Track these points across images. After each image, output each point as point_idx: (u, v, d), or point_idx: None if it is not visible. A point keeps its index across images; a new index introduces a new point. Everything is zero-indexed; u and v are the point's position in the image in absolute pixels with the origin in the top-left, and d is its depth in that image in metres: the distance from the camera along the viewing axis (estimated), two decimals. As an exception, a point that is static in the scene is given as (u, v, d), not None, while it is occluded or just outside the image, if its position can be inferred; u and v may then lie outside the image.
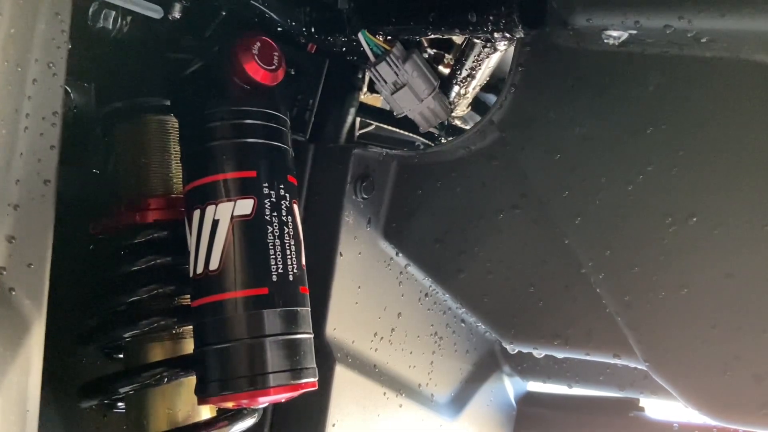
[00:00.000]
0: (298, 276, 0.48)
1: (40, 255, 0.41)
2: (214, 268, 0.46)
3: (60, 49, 0.41)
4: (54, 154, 0.41)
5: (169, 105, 0.57)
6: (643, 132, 0.53)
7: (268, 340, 0.45)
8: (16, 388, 0.39)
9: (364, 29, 0.60)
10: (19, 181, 0.39)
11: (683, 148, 0.52)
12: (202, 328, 0.47)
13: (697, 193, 0.52)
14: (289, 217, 0.48)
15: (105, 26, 0.52)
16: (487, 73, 0.66)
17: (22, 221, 0.39)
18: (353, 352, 0.68)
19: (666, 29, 0.47)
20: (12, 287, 0.39)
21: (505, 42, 0.59)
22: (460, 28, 0.56)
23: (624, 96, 0.54)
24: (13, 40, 0.38)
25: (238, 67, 0.49)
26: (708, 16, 0.45)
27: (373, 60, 0.60)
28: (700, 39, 0.48)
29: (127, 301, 0.53)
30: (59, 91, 0.41)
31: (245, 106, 0.49)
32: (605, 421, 0.98)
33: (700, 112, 0.51)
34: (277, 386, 0.45)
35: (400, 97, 0.61)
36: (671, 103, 0.52)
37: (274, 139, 0.49)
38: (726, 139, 0.51)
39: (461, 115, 0.77)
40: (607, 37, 0.50)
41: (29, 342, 0.40)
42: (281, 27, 0.62)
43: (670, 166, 0.52)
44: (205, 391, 0.47)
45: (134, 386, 0.51)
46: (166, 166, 0.57)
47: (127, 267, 0.53)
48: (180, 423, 0.53)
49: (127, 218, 0.54)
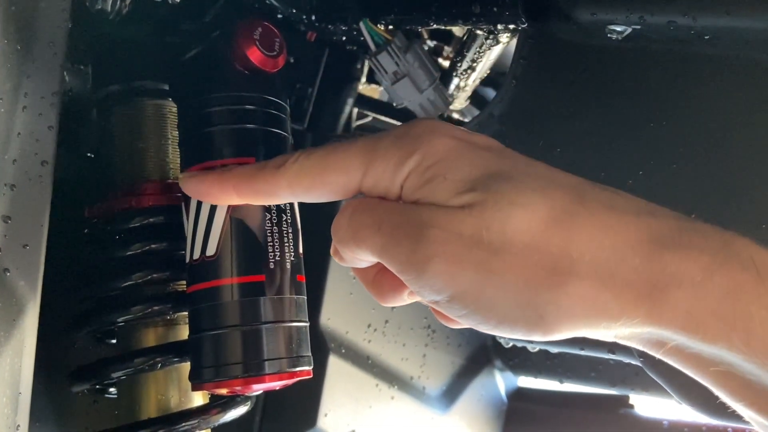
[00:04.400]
0: (295, 264, 0.47)
1: (36, 236, 0.40)
2: (210, 254, 0.46)
3: (60, 28, 0.41)
4: (52, 135, 0.41)
5: (167, 89, 0.56)
6: (644, 127, 0.53)
7: (263, 327, 0.45)
8: (9, 370, 0.38)
9: (365, 18, 0.59)
10: (16, 160, 0.39)
11: (684, 144, 0.52)
12: (197, 314, 0.47)
13: (697, 190, 0.52)
14: (287, 204, 0.48)
15: (104, 8, 0.51)
16: (487, 65, 0.66)
17: (18, 201, 0.39)
18: (347, 343, 0.68)
19: (670, 25, 0.47)
20: (7, 267, 0.38)
21: (508, 34, 0.58)
22: (463, 19, 0.56)
23: (626, 91, 0.54)
24: (14, 18, 0.38)
25: (239, 52, 0.48)
26: (713, 13, 0.45)
27: (374, 49, 0.60)
28: (704, 36, 0.48)
29: (122, 285, 0.52)
30: (59, 71, 0.41)
31: (245, 91, 0.49)
32: (595, 417, 0.98)
33: (701, 109, 0.51)
34: (271, 373, 0.45)
35: (401, 87, 0.61)
36: (673, 99, 0.52)
37: (274, 126, 0.49)
38: (727, 136, 0.51)
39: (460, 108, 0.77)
40: (610, 31, 0.50)
41: (23, 323, 0.39)
42: (282, 14, 0.62)
43: (670, 162, 0.53)
44: (199, 377, 0.46)
45: (127, 371, 0.51)
46: (162, 151, 0.56)
47: (122, 251, 0.53)
48: (172, 409, 0.53)
49: (122, 203, 0.54)
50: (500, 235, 0.30)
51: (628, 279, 0.29)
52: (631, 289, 0.29)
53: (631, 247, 0.29)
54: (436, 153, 0.33)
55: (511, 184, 0.31)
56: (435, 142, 0.34)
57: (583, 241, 0.30)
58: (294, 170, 0.36)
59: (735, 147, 0.51)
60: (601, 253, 0.30)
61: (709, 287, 0.28)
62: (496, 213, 0.31)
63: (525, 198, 0.31)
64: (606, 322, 0.30)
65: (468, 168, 0.33)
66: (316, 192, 0.37)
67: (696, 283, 0.28)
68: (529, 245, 0.30)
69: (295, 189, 0.37)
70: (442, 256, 0.31)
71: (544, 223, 0.30)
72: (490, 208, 0.31)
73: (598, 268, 0.29)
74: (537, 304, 0.30)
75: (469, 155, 0.33)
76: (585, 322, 0.30)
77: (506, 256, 0.30)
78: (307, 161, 0.36)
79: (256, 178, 0.38)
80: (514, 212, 0.30)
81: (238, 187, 0.39)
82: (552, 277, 0.30)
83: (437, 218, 0.31)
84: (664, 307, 0.29)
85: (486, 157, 0.33)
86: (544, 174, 0.33)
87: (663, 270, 0.29)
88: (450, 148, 0.33)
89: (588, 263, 0.30)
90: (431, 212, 0.32)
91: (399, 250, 0.32)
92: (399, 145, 0.34)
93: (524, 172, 0.33)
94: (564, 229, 0.30)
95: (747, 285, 0.28)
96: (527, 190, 0.31)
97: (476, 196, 0.31)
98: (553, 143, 0.58)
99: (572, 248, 0.30)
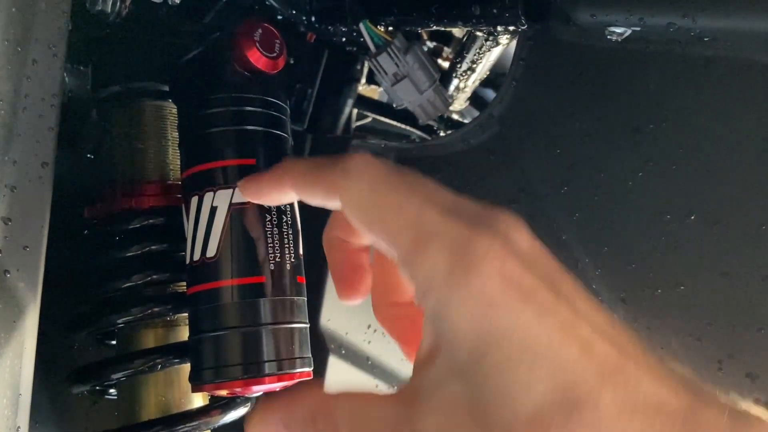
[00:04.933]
0: (295, 265, 0.47)
1: (36, 237, 0.40)
2: (211, 255, 0.46)
3: (60, 30, 0.41)
4: (52, 136, 0.41)
5: (167, 91, 0.56)
6: (644, 129, 0.53)
7: (264, 328, 0.45)
8: (9, 371, 0.38)
9: (365, 19, 0.59)
10: (16, 162, 0.39)
11: (683, 146, 0.52)
12: (197, 316, 0.47)
13: (696, 191, 0.52)
14: (287, 206, 0.48)
15: (104, 9, 0.51)
16: (487, 67, 0.66)
17: (18, 203, 0.39)
18: (347, 344, 0.68)
19: (669, 27, 0.47)
20: (7, 269, 0.38)
21: (508, 36, 0.59)
22: (463, 20, 0.56)
23: (625, 93, 0.54)
24: (14, 20, 0.38)
25: (239, 53, 0.48)
26: (712, 15, 0.45)
27: (373, 51, 0.60)
28: (703, 38, 0.48)
29: (122, 287, 0.52)
30: (59, 73, 0.41)
31: (245, 93, 0.49)
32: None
33: (701, 111, 0.51)
34: (271, 375, 0.45)
35: (401, 88, 0.61)
36: (673, 100, 0.52)
37: (274, 127, 0.49)
38: (726, 138, 0.51)
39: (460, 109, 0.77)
40: (610, 33, 0.50)
41: (23, 325, 0.39)
42: (282, 15, 0.62)
43: (670, 163, 0.53)
44: (199, 379, 0.46)
45: (127, 372, 0.51)
46: (163, 152, 0.56)
47: (122, 253, 0.53)
48: (172, 410, 0.53)
49: (122, 204, 0.54)
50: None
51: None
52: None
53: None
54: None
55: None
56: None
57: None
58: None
59: (734, 148, 0.51)
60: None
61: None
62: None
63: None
64: None
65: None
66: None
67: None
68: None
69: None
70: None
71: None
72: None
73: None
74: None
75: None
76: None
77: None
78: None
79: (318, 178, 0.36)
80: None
81: (296, 186, 0.38)
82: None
83: None
84: None
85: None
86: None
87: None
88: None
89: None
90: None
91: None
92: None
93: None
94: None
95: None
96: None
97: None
98: (552, 144, 0.58)
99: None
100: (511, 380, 0.28)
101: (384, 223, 0.32)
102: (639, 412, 0.28)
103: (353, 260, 0.40)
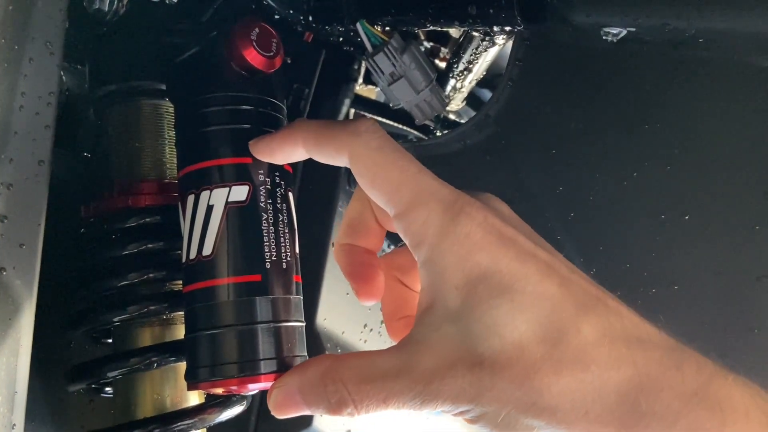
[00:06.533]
0: (291, 264, 0.47)
1: (33, 235, 0.40)
2: (207, 253, 0.46)
3: (57, 28, 0.41)
4: (49, 134, 0.41)
5: (164, 89, 0.56)
6: (639, 129, 0.53)
7: (259, 327, 0.45)
8: (5, 369, 0.38)
9: (362, 19, 0.59)
10: (12, 160, 0.39)
11: (678, 146, 0.52)
12: (193, 314, 0.47)
13: (691, 192, 0.53)
14: (284, 204, 0.48)
15: (101, 8, 0.51)
16: (484, 67, 0.66)
17: (14, 201, 0.39)
18: (343, 343, 0.68)
19: (665, 28, 0.48)
20: (3, 267, 0.38)
21: (504, 36, 0.59)
22: (459, 20, 0.56)
23: (621, 93, 0.54)
24: (11, 18, 0.38)
25: (236, 52, 0.48)
26: (707, 16, 0.45)
27: (370, 50, 0.60)
28: (698, 39, 0.48)
29: (118, 285, 0.52)
30: (56, 71, 0.41)
31: (242, 92, 0.49)
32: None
33: (696, 111, 0.52)
34: (267, 373, 0.45)
35: (397, 88, 0.61)
36: (667, 101, 0.52)
37: (271, 126, 0.49)
38: (720, 139, 0.51)
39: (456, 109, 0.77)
40: (605, 33, 0.50)
41: (19, 322, 0.39)
42: (279, 14, 0.62)
43: (665, 163, 0.53)
44: (194, 377, 0.46)
45: (123, 370, 0.51)
46: (159, 151, 0.56)
47: (118, 251, 0.53)
48: (168, 409, 0.53)
49: (119, 202, 0.54)
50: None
51: (601, 417, 0.31)
52: (603, 426, 0.31)
53: (613, 392, 0.30)
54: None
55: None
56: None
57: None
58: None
59: (729, 149, 0.51)
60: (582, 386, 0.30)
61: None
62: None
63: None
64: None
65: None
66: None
67: (663, 427, 0.30)
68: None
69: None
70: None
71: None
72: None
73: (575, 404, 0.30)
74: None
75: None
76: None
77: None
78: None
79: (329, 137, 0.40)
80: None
81: (306, 143, 0.41)
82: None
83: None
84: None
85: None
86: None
87: (634, 410, 0.30)
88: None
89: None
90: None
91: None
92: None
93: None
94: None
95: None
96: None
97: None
98: (548, 144, 0.58)
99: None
100: (496, 314, 0.31)
101: (386, 180, 0.36)
102: (621, 339, 0.31)
103: (365, 261, 0.43)
